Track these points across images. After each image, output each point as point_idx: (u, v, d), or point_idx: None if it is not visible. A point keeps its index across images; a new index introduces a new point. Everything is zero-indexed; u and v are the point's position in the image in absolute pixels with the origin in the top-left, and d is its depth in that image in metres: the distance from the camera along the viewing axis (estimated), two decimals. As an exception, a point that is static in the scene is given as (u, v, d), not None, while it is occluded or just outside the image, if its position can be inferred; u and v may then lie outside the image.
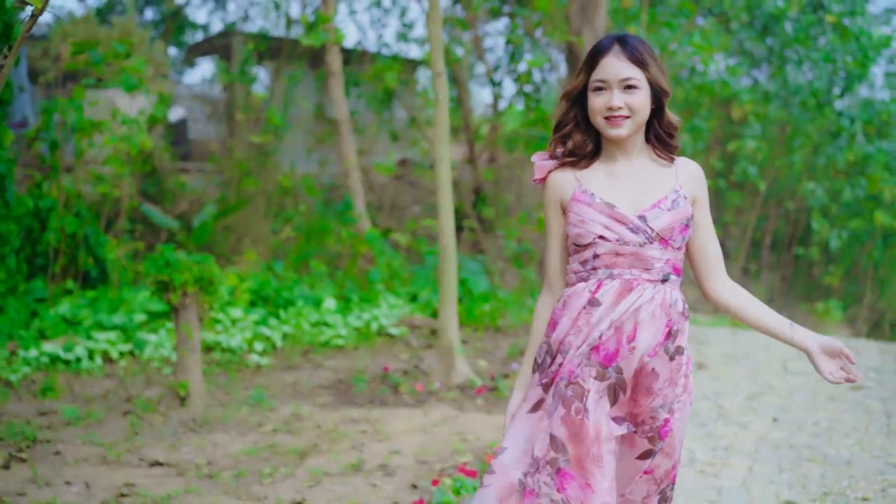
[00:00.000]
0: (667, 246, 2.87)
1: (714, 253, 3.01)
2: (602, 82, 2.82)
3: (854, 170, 18.25)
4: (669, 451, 2.92)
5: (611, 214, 2.86)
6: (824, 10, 16.93)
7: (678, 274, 2.94)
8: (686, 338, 2.92)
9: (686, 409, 2.93)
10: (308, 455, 5.86)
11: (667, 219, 2.86)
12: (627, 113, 2.82)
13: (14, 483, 5.27)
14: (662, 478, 2.95)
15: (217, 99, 20.21)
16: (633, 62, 2.82)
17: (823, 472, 5.70)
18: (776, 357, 9.21)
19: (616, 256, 2.86)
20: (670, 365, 2.87)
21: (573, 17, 9.02)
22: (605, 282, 2.86)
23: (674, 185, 2.91)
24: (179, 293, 6.97)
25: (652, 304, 2.84)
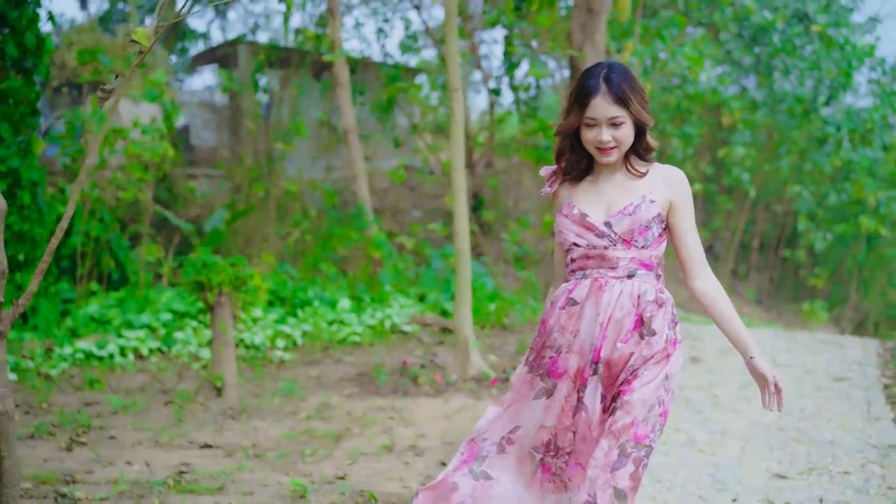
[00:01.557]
0: (630, 246, 3.29)
1: (690, 252, 3.39)
2: (592, 119, 3.25)
3: (839, 175, 18.86)
4: (628, 408, 3.18)
5: (582, 223, 3.33)
6: (810, 20, 17.55)
7: (648, 268, 3.33)
8: (662, 321, 3.29)
9: (656, 380, 3.23)
10: (342, 438, 6.44)
11: (627, 223, 3.27)
12: (615, 144, 3.26)
13: (79, 463, 5.83)
14: (620, 431, 3.16)
15: (220, 106, 20.74)
16: (618, 102, 3.21)
17: (809, 451, 6.31)
18: (765, 351, 9.82)
19: (587, 259, 3.34)
20: (640, 343, 3.27)
21: (575, 34, 9.62)
22: (580, 281, 3.34)
23: (643, 192, 3.32)
24: (216, 292, 7.54)
25: (621, 298, 3.27)
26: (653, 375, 3.23)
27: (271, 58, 15.43)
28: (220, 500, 5.10)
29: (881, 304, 20.78)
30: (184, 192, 15.40)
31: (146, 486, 5.30)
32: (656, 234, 3.33)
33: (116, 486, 5.28)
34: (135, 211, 13.19)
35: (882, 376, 8.87)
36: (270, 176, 14.77)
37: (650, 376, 3.23)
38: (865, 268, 20.64)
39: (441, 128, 17.43)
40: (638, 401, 3.19)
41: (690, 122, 18.23)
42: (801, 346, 10.48)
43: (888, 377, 8.81)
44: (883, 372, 9.07)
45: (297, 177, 15.14)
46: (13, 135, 9.32)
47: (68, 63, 17.23)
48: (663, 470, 5.84)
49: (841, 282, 21.09)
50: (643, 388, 3.20)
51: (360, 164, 13.33)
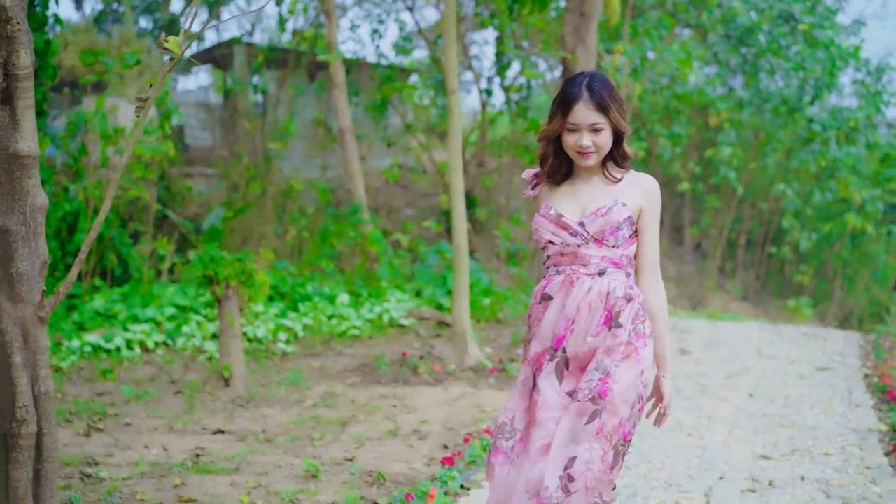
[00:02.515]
0: (601, 245, 3.47)
1: (647, 257, 3.56)
2: (574, 125, 3.44)
3: (824, 174, 19.22)
4: (613, 409, 3.37)
5: (557, 222, 3.51)
6: (796, 21, 17.89)
7: (617, 266, 3.49)
8: (627, 315, 3.44)
9: (628, 373, 3.41)
10: (348, 424, 6.75)
11: (599, 223, 3.46)
12: (594, 149, 3.46)
13: (99, 447, 6.12)
14: (612, 433, 3.37)
15: (214, 106, 20.98)
16: (598, 109, 3.41)
17: (792, 435, 6.64)
18: (751, 344, 10.18)
19: (561, 256, 3.53)
20: (608, 336, 3.43)
21: (567, 37, 9.94)
22: (554, 277, 3.54)
23: (616, 196, 3.50)
24: (223, 286, 7.84)
25: (590, 294, 3.44)
26: (630, 374, 3.41)
27: (269, 59, 15.71)
28: (236, 480, 5.41)
29: (865, 301, 21.10)
30: (181, 190, 15.66)
31: (166, 468, 5.60)
32: (626, 235, 3.50)
33: (138, 467, 5.59)
34: (134, 209, 13.45)
35: (863, 367, 9.22)
36: (267, 174, 15.05)
37: (628, 376, 3.41)
38: (850, 265, 20.98)
39: (433, 127, 17.74)
40: (621, 402, 3.38)
41: (678, 122, 18.56)
42: (786, 338, 10.83)
43: (868, 367, 9.16)
44: (864, 363, 9.42)
45: (292, 176, 15.42)
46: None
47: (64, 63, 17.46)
48: (654, 452, 6.16)
49: (826, 279, 21.42)
50: (623, 388, 3.39)
51: (356, 163, 13.62)
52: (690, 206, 21.09)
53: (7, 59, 3.85)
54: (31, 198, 3.94)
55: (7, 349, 3.96)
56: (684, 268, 20.48)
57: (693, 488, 5.40)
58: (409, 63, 17.77)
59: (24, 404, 3.93)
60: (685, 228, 20.99)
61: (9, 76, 3.86)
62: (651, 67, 15.76)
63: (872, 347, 10.22)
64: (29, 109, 3.92)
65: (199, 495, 5.07)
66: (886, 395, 7.74)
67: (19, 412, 3.92)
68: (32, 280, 4.00)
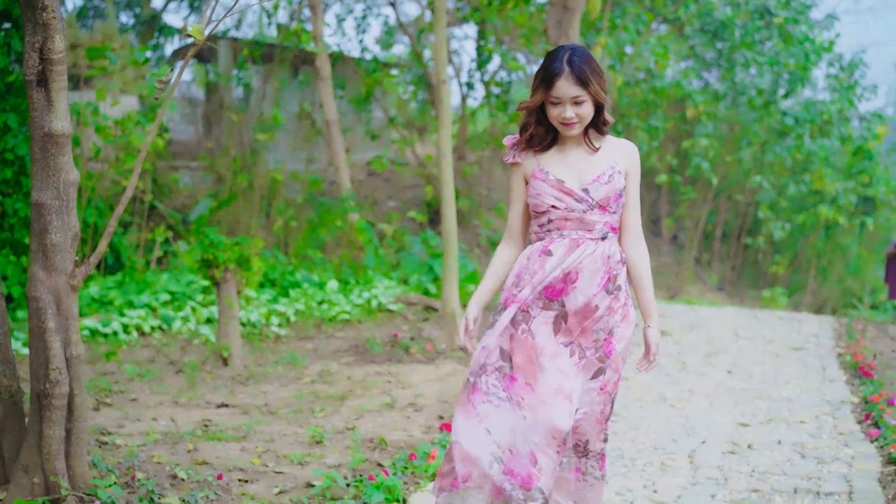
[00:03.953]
0: (605, 211, 3.65)
1: (631, 219, 3.74)
2: (557, 98, 3.59)
3: (798, 167, 19.64)
4: (615, 367, 3.65)
5: (560, 188, 3.64)
6: (771, 15, 18.29)
7: (615, 232, 3.70)
8: (624, 279, 3.68)
9: (626, 334, 3.67)
10: (347, 398, 7.06)
11: (604, 190, 3.63)
12: (577, 120, 3.61)
13: (110, 420, 6.40)
14: (612, 390, 3.68)
15: (197, 100, 21.20)
16: (579, 83, 3.56)
17: (769, 406, 7.00)
18: (728, 326, 10.56)
19: (565, 221, 3.65)
20: (609, 298, 3.63)
21: (551, 30, 10.26)
22: (557, 240, 3.66)
23: (610, 163, 3.67)
24: (222, 269, 8.12)
25: (594, 257, 3.61)
26: (626, 333, 3.68)
27: (254, 53, 15.97)
28: (246, 446, 5.70)
29: (838, 291, 21.54)
30: (169, 182, 15.89)
31: (177, 436, 5.89)
32: (622, 203, 3.71)
33: (150, 436, 5.87)
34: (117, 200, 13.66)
35: (836, 346, 9.60)
36: (254, 166, 15.30)
37: (625, 335, 3.68)
38: (823, 256, 21.40)
39: (413, 121, 18.04)
40: (620, 359, 3.67)
41: (656, 115, 18.91)
42: (762, 322, 11.21)
43: (841, 347, 9.53)
44: (837, 343, 9.81)
45: (277, 168, 15.69)
46: (20, 125, 9.83)
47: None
48: (640, 421, 6.50)
49: (800, 269, 21.85)
50: (623, 347, 3.67)
51: (341, 154, 13.91)
52: (667, 199, 21.48)
53: (43, 45, 4.13)
54: (64, 174, 4.23)
55: (41, 315, 4.24)
56: (661, 259, 20.86)
57: (677, 451, 5.75)
58: (387, 57, 18.06)
59: (57, 366, 4.22)
60: (662, 220, 21.37)
61: (44, 60, 4.14)
62: (629, 61, 16.12)
63: (845, 329, 10.60)
64: (62, 91, 4.21)
65: (212, 459, 5.36)
66: (858, 371, 8.11)
67: (53, 374, 4.21)
68: (65, 251, 4.29)
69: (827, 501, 4.82)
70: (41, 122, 4.18)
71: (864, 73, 19.96)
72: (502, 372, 3.64)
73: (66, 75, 4.20)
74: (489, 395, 3.63)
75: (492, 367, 3.65)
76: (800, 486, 5.06)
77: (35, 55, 4.13)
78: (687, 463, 5.51)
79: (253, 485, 4.94)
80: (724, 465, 5.47)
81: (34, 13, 4.10)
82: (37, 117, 4.18)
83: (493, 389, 3.63)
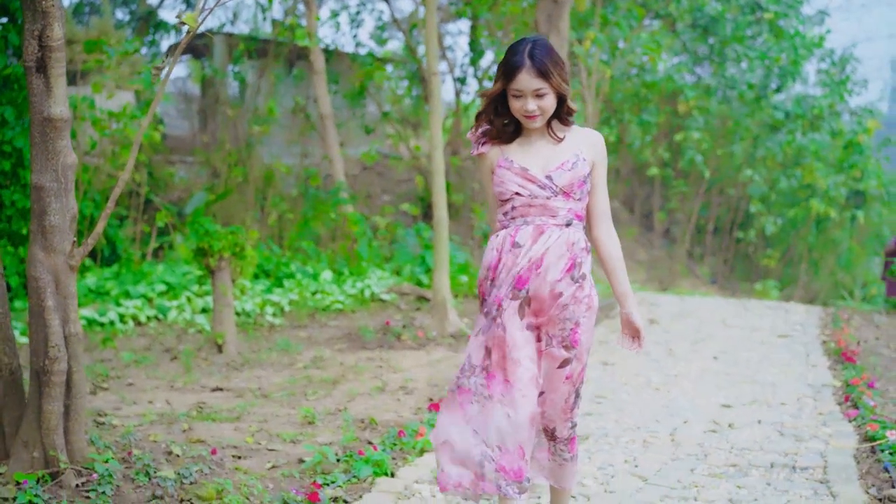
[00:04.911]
0: (569, 198, 3.66)
1: (600, 205, 3.78)
2: (519, 91, 3.59)
3: (790, 161, 19.80)
4: (580, 356, 3.70)
5: (524, 175, 3.65)
6: (762, 10, 18.45)
7: (580, 219, 3.72)
8: (588, 267, 3.70)
9: (590, 323, 3.72)
10: (339, 382, 7.21)
11: (568, 177, 3.65)
12: (539, 112, 3.61)
13: (107, 403, 6.54)
14: (577, 380, 3.73)
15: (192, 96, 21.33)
16: (540, 76, 3.56)
17: (753, 390, 7.16)
18: (716, 315, 10.72)
19: (529, 207, 3.66)
20: (573, 286, 3.65)
21: (541, 24, 10.41)
22: (522, 227, 3.66)
23: (575, 151, 3.69)
24: (217, 258, 8.26)
25: (558, 243, 3.63)
26: (591, 323, 3.73)
27: (249, 49, 16.11)
28: (240, 426, 5.85)
29: (829, 284, 21.70)
30: (164, 176, 16.02)
31: (172, 417, 6.04)
32: (587, 189, 3.73)
33: (146, 417, 6.02)
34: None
35: (821, 334, 9.75)
36: (249, 160, 15.45)
37: (590, 325, 3.73)
38: (815, 249, 21.57)
39: (407, 117, 18.19)
40: (585, 350, 3.71)
41: (648, 110, 19.07)
42: (751, 311, 11.37)
43: (826, 335, 9.69)
44: (822, 331, 9.96)
45: (272, 162, 15.84)
46: (17, 117, 9.96)
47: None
48: (625, 403, 6.66)
49: (792, 263, 22.02)
50: (588, 337, 3.72)
51: (335, 147, 14.06)
52: (660, 193, 21.62)
53: (42, 32, 4.27)
54: (62, 157, 4.37)
55: (41, 294, 4.39)
56: (654, 252, 21.03)
57: (659, 430, 5.91)
58: (384, 53, 18.21)
59: (56, 343, 4.36)
60: (654, 214, 21.52)
61: (43, 47, 4.28)
62: (621, 56, 16.26)
63: (832, 318, 10.76)
64: (61, 77, 4.35)
65: (207, 437, 5.51)
66: (842, 357, 8.27)
67: (52, 351, 4.35)
68: (63, 232, 4.43)
69: (802, 475, 4.98)
70: (40, 108, 4.31)
71: (856, 68, 20.14)
72: (487, 370, 3.69)
73: (64, 62, 4.34)
74: (476, 395, 3.68)
75: (479, 368, 3.70)
76: (776, 461, 5.22)
77: (34, 42, 4.27)
78: (668, 440, 5.67)
79: (246, 460, 5.09)
80: (704, 442, 5.63)
81: (34, 1, 4.24)
82: (36, 103, 4.32)
83: (479, 389, 3.68)
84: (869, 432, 5.59)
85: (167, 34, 24.28)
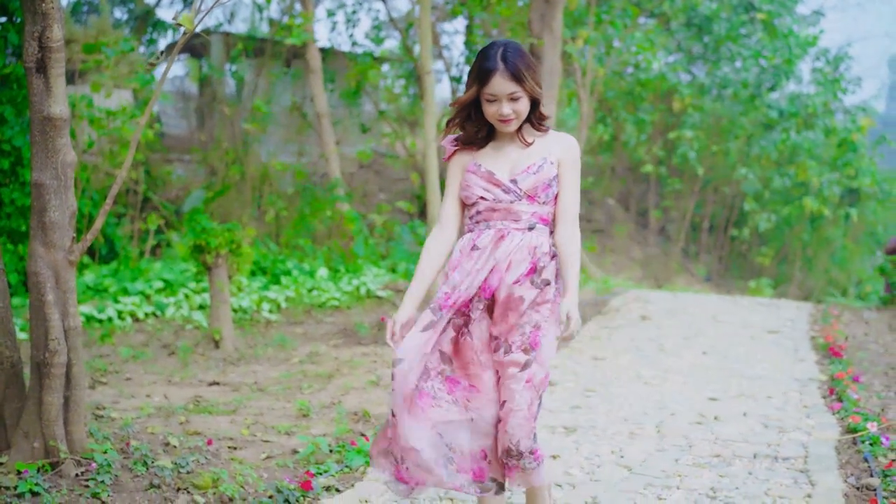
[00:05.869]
0: (533, 202, 3.65)
1: (566, 206, 3.69)
2: (493, 96, 3.57)
3: (784, 159, 19.94)
4: (542, 361, 3.60)
5: (489, 179, 3.66)
6: (755, 10, 18.58)
7: (545, 223, 3.69)
8: (552, 273, 3.64)
9: (552, 330, 3.63)
10: (333, 377, 7.33)
11: (532, 180, 3.63)
12: (514, 116, 3.60)
13: (106, 397, 6.66)
14: (539, 385, 3.60)
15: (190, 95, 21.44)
16: (514, 79, 3.54)
17: (740, 383, 7.29)
18: (708, 311, 10.86)
19: (492, 212, 3.67)
20: (534, 291, 3.61)
21: (534, 23, 10.53)
22: (484, 231, 3.68)
23: (543, 154, 3.67)
24: (214, 254, 8.38)
25: (519, 247, 3.62)
26: (550, 329, 3.64)
27: (248, 49, 16.24)
28: (236, 419, 5.98)
29: (823, 282, 21.87)
30: (162, 174, 16.14)
31: (170, 410, 6.16)
32: (554, 193, 3.69)
33: (144, 410, 6.14)
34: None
35: (810, 330, 9.88)
36: (246, 158, 15.57)
37: (553, 332, 3.64)
38: (809, 247, 21.73)
39: (404, 115, 18.32)
40: (547, 357, 3.62)
41: (643, 108, 19.20)
42: (742, 307, 11.50)
43: (816, 331, 9.82)
44: (812, 327, 10.09)
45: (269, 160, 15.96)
46: (16, 116, 10.08)
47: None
48: (615, 398, 6.78)
49: (786, 260, 22.18)
50: (550, 343, 3.64)
51: (332, 146, 14.20)
52: (655, 191, 21.77)
53: (42, 33, 4.38)
54: (61, 155, 4.49)
55: (41, 288, 4.50)
56: (649, 250, 21.17)
57: (646, 422, 6.04)
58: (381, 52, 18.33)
59: (55, 337, 4.48)
60: (650, 211, 21.65)
61: (43, 48, 4.39)
62: (616, 55, 16.38)
63: (821, 315, 10.89)
64: (60, 77, 4.46)
65: (203, 429, 5.63)
66: (829, 352, 8.39)
67: (52, 344, 4.47)
68: (63, 228, 4.54)
69: (783, 465, 5.10)
70: (40, 107, 4.43)
71: (850, 67, 20.29)
72: (444, 375, 3.66)
73: (63, 62, 4.45)
74: (436, 399, 3.64)
75: (434, 372, 3.66)
76: (759, 451, 5.34)
77: (35, 43, 4.38)
78: (654, 432, 5.79)
79: (241, 451, 5.22)
80: (689, 434, 5.76)
81: (34, 3, 4.35)
82: (36, 102, 4.43)
83: (438, 393, 3.65)
84: (851, 424, 5.72)
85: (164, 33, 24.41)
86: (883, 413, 6.10)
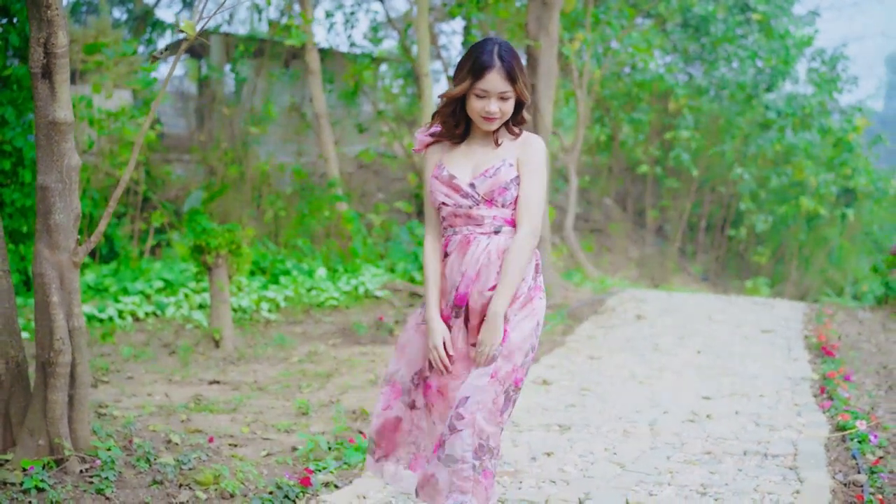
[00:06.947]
0: (492, 205, 3.58)
1: (521, 208, 3.58)
2: (484, 91, 3.52)
3: (780, 159, 20.05)
4: (508, 355, 3.50)
5: (450, 184, 3.61)
6: (751, 10, 18.69)
7: (511, 225, 3.60)
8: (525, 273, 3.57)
9: (525, 324, 3.56)
10: (332, 376, 7.43)
11: (488, 184, 3.56)
12: (500, 115, 3.55)
13: (108, 395, 6.76)
14: (505, 378, 3.50)
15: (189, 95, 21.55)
16: (509, 79, 3.51)
17: (733, 382, 7.39)
18: (703, 311, 10.96)
19: (455, 217, 3.62)
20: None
21: (531, 25, 10.62)
22: (452, 238, 3.64)
23: (503, 157, 3.61)
24: (214, 255, 8.48)
25: (486, 252, 3.56)
26: (527, 325, 3.56)
27: (247, 49, 16.33)
28: (236, 417, 6.08)
29: (820, 281, 21.96)
30: (162, 174, 16.24)
31: (171, 409, 6.26)
32: (513, 196, 3.59)
33: (145, 408, 6.24)
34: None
35: (804, 329, 9.99)
36: (245, 159, 15.67)
37: (525, 326, 3.56)
38: (805, 246, 21.83)
39: (402, 116, 18.43)
40: (517, 349, 3.52)
41: (639, 108, 19.30)
42: (737, 307, 11.61)
43: (809, 330, 9.92)
44: (805, 326, 10.19)
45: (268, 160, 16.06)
46: (17, 117, 10.16)
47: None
48: (608, 395, 6.88)
49: (783, 260, 22.28)
50: (521, 337, 3.54)
51: (330, 146, 14.30)
52: (652, 191, 21.86)
53: (47, 40, 4.48)
54: (66, 159, 4.58)
55: (46, 289, 4.60)
56: (646, 249, 21.27)
57: (639, 420, 6.14)
58: (379, 53, 18.45)
59: (60, 337, 4.58)
60: (647, 211, 21.75)
61: (48, 54, 4.49)
62: (613, 55, 16.48)
63: (815, 315, 10.99)
64: (65, 83, 4.56)
65: (204, 427, 5.73)
66: (822, 351, 8.50)
67: (56, 343, 4.56)
68: (67, 230, 4.64)
69: (773, 462, 5.21)
70: (45, 112, 4.52)
71: (846, 67, 20.38)
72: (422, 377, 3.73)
73: (68, 68, 4.55)
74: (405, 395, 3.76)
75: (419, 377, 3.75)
76: (749, 449, 5.45)
77: (40, 49, 4.48)
78: (647, 430, 5.90)
79: (242, 448, 5.32)
80: (682, 432, 5.86)
81: (39, 10, 4.44)
82: (41, 107, 4.53)
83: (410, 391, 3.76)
84: (840, 422, 5.82)
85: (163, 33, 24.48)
86: (872, 411, 6.22)
